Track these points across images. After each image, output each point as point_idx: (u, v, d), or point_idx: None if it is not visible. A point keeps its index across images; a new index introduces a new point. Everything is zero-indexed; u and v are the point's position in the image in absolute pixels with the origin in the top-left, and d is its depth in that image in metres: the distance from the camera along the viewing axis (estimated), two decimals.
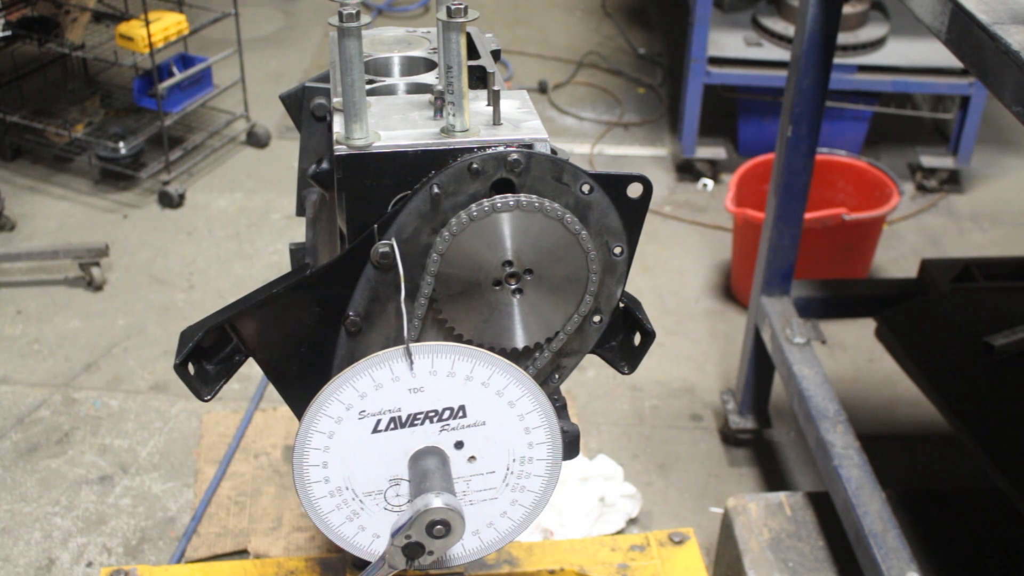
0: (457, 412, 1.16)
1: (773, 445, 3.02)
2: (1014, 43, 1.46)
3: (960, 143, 4.09)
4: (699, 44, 3.91)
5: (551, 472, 1.22)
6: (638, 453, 2.98)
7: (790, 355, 2.54)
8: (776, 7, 4.18)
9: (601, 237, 1.15)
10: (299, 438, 1.14)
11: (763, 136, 4.16)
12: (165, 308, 3.49)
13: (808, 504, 2.39)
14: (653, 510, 2.79)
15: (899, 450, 2.92)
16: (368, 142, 1.09)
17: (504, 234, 1.11)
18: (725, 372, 3.27)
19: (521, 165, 1.09)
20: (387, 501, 1.19)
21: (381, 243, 1.10)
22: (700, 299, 3.62)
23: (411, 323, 1.14)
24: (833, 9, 2.32)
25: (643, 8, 5.72)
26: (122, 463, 2.89)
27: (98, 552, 2.63)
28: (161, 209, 4.01)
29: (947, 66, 3.89)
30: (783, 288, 2.72)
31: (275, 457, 2.85)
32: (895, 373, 2.73)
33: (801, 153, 2.50)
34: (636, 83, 5.01)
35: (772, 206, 2.61)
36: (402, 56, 1.38)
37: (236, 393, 3.04)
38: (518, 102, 1.20)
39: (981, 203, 4.19)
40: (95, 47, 4.14)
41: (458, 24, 1.06)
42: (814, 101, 2.43)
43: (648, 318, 1.25)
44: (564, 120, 4.72)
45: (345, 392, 1.13)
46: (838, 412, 2.37)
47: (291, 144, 1.99)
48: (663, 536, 1.89)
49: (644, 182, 1.15)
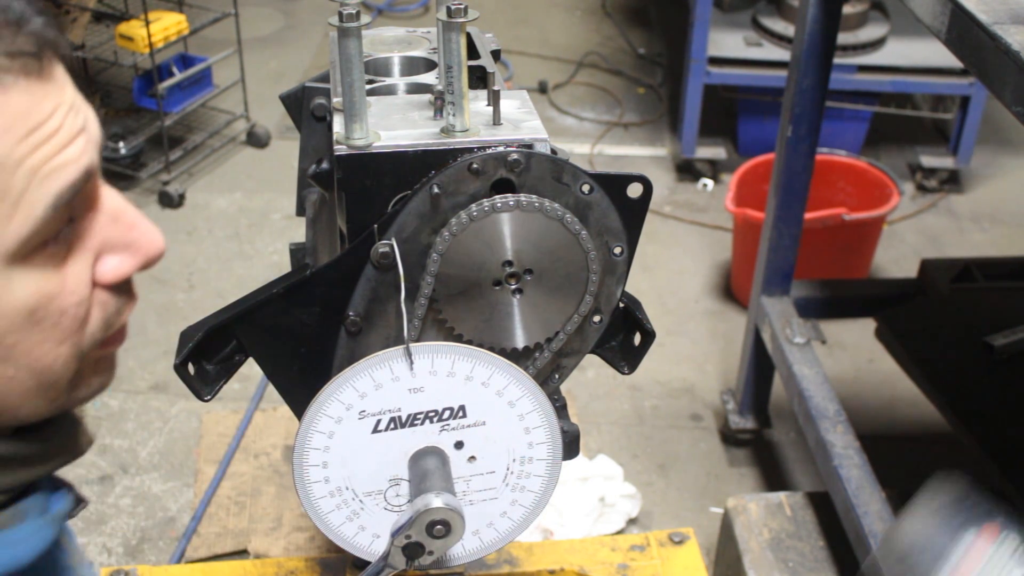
0: (457, 412, 1.16)
1: (773, 445, 3.02)
2: (1014, 43, 1.46)
3: (960, 143, 4.09)
4: (699, 44, 3.91)
5: (551, 472, 1.22)
6: (638, 453, 2.98)
7: (790, 355, 2.54)
8: (776, 7, 4.18)
9: (601, 237, 1.15)
10: (299, 438, 1.14)
11: (763, 136, 4.16)
12: (165, 308, 3.49)
13: (808, 504, 2.39)
14: (653, 510, 2.80)
15: (899, 450, 2.92)
16: (368, 142, 1.09)
17: (504, 234, 1.11)
18: (725, 372, 3.27)
19: (521, 165, 1.09)
20: (387, 501, 1.19)
21: (381, 243, 1.10)
22: (700, 299, 3.62)
23: (411, 323, 1.14)
24: (833, 9, 2.32)
25: (643, 8, 5.72)
26: (122, 463, 2.89)
27: (98, 552, 2.62)
28: (161, 209, 4.01)
29: (947, 66, 3.89)
30: (783, 288, 2.72)
31: (275, 457, 2.85)
32: (895, 373, 2.73)
33: (801, 153, 2.50)
34: (636, 83, 5.01)
35: (772, 206, 2.61)
36: (402, 56, 1.38)
37: (236, 393, 3.04)
38: (518, 102, 1.19)
39: (981, 203, 4.19)
40: (95, 47, 4.14)
41: (458, 24, 1.06)
42: (814, 101, 2.43)
43: (648, 318, 1.25)
44: (564, 120, 4.72)
45: (345, 392, 1.13)
46: (838, 412, 2.37)
47: (291, 144, 1.98)
48: (663, 536, 1.89)
49: (644, 182, 1.15)
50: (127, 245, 0.87)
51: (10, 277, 0.79)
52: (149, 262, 0.88)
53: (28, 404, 0.86)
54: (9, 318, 0.80)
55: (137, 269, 0.88)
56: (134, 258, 0.88)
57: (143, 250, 0.88)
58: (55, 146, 0.79)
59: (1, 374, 0.83)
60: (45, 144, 0.78)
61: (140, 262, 0.88)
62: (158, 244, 0.88)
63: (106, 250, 0.87)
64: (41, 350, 0.83)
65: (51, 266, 0.82)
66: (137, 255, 0.88)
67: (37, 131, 0.78)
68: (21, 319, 0.81)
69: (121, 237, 0.87)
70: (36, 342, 0.83)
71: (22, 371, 0.84)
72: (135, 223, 0.88)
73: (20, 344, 0.82)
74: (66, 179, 0.80)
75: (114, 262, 0.87)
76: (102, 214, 0.86)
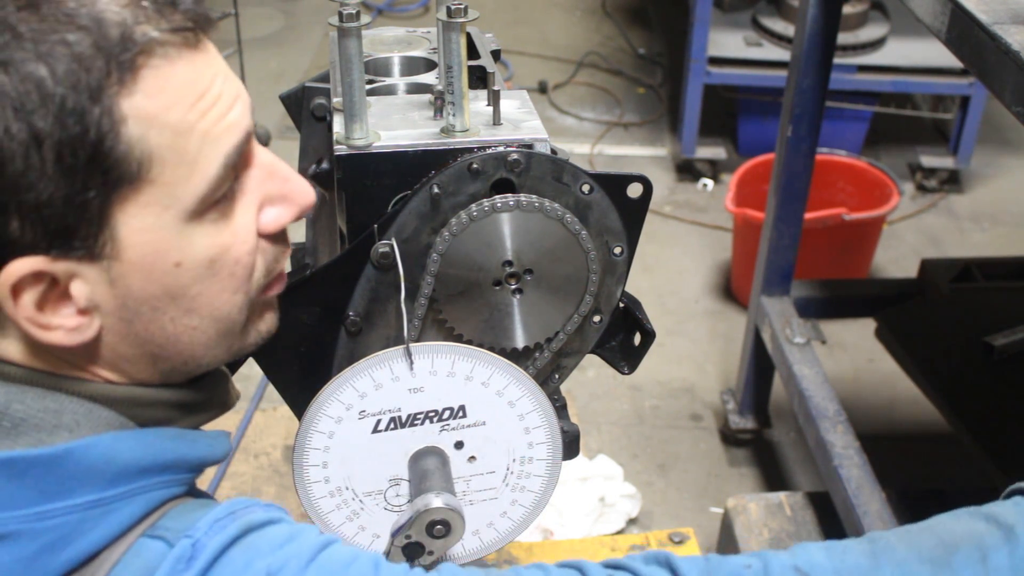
0: (457, 412, 1.16)
1: (773, 445, 3.02)
2: (1014, 43, 1.46)
3: (960, 143, 4.09)
4: (699, 44, 3.91)
5: (551, 472, 1.22)
6: (638, 453, 2.98)
7: (790, 355, 2.54)
8: (776, 7, 4.18)
9: (601, 237, 1.15)
10: (299, 438, 1.14)
11: (763, 136, 4.16)
12: None
13: (808, 504, 2.39)
14: (653, 510, 2.79)
15: (899, 450, 2.92)
16: (368, 142, 1.09)
17: (504, 234, 1.11)
18: (725, 372, 3.27)
19: (521, 165, 1.09)
20: (387, 501, 1.19)
21: (381, 243, 1.10)
22: (700, 299, 3.62)
23: (411, 323, 1.14)
24: (833, 9, 2.31)
25: (643, 8, 5.72)
26: None
27: None
28: None
29: (947, 66, 3.89)
30: (783, 288, 2.72)
31: (275, 457, 2.85)
32: (895, 373, 2.73)
33: (801, 153, 2.50)
34: (636, 83, 5.01)
35: (772, 206, 2.61)
36: (402, 56, 1.38)
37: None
38: (518, 102, 1.19)
39: (981, 203, 4.19)
40: None
41: (458, 24, 1.06)
42: (814, 101, 2.42)
43: (648, 318, 1.25)
44: (564, 120, 4.72)
45: (345, 392, 1.13)
46: (838, 412, 2.37)
47: (291, 144, 2.01)
48: (663, 536, 1.89)
49: (644, 182, 1.15)
50: (283, 196, 0.96)
51: (191, 233, 0.87)
52: (303, 211, 0.97)
53: (211, 352, 0.96)
54: (192, 271, 0.89)
55: (294, 219, 0.97)
56: (291, 208, 0.96)
57: (298, 200, 0.96)
58: (220, 111, 0.87)
59: (187, 325, 0.92)
60: (211, 110, 0.86)
61: (297, 212, 0.96)
62: (311, 195, 0.97)
63: (266, 203, 0.95)
64: (221, 299, 0.92)
65: (223, 220, 0.90)
66: (293, 206, 0.96)
67: (203, 98, 0.86)
68: (203, 270, 0.89)
69: (278, 190, 0.95)
70: (216, 292, 0.92)
71: (205, 320, 0.92)
72: (288, 176, 0.96)
73: (202, 295, 0.91)
74: (232, 140, 0.88)
75: (274, 213, 0.95)
76: (258, 169, 0.94)
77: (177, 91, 0.84)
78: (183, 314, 0.91)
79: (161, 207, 0.85)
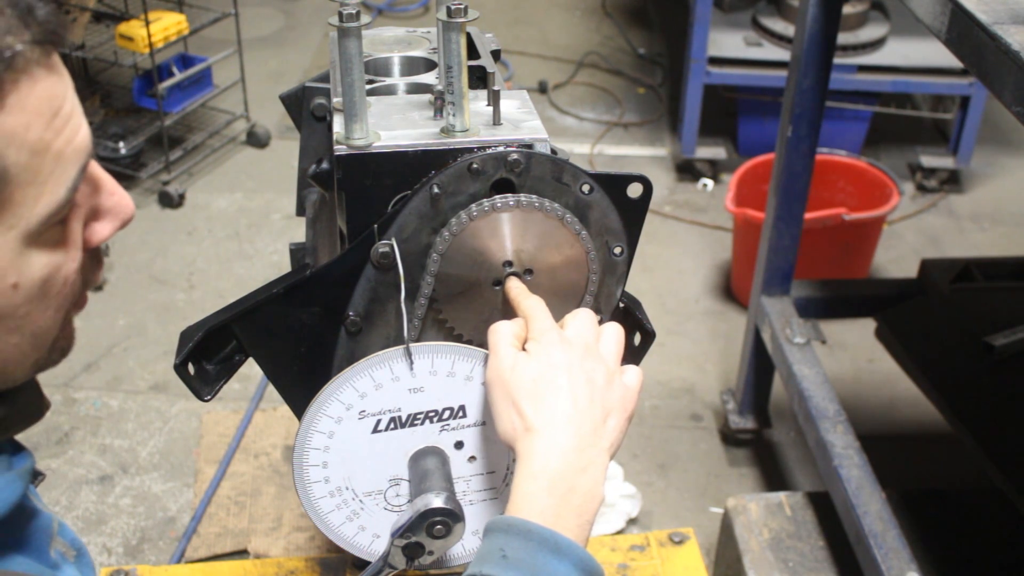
0: (457, 412, 1.16)
1: (773, 445, 3.02)
2: (1014, 43, 1.46)
3: (960, 143, 4.08)
4: (699, 44, 3.91)
5: None
6: (638, 453, 2.98)
7: (790, 355, 2.54)
8: (776, 7, 4.18)
9: (601, 237, 1.15)
10: (299, 438, 1.14)
11: (763, 136, 4.16)
12: (165, 308, 3.49)
13: (808, 504, 2.39)
14: (653, 510, 2.80)
15: (899, 450, 2.92)
16: (368, 142, 1.09)
17: (504, 234, 1.11)
18: (725, 372, 3.27)
19: (521, 165, 1.09)
20: (387, 501, 1.19)
21: (381, 243, 1.10)
22: (700, 299, 3.62)
23: (411, 323, 1.14)
24: (833, 9, 2.31)
25: (643, 8, 5.72)
26: (122, 463, 2.89)
27: (98, 552, 2.62)
28: (161, 209, 4.01)
29: (947, 66, 3.89)
30: (783, 288, 2.72)
31: (275, 457, 2.85)
32: (895, 373, 2.73)
33: (801, 153, 2.50)
34: (636, 83, 5.01)
35: (772, 206, 2.61)
36: (402, 56, 1.38)
37: (236, 393, 3.04)
38: (518, 102, 1.20)
39: (981, 203, 4.19)
40: (95, 47, 4.14)
41: (458, 24, 1.06)
42: (814, 101, 2.42)
43: (648, 318, 1.25)
44: (564, 120, 4.72)
45: (345, 392, 1.13)
46: (838, 412, 2.37)
47: (291, 144, 1.98)
48: (663, 536, 1.89)
49: (644, 182, 1.15)
50: (109, 210, 0.94)
51: (28, 255, 0.85)
52: (125, 223, 0.95)
53: (21, 368, 0.92)
54: (27, 291, 0.86)
55: (117, 231, 0.95)
56: (115, 221, 0.94)
57: (122, 213, 0.95)
58: (72, 129, 0.84)
59: (8, 343, 0.88)
60: (65, 128, 0.83)
61: (120, 224, 0.95)
62: (132, 207, 0.96)
63: (91, 217, 0.93)
64: (44, 317, 0.90)
65: (57, 239, 0.88)
66: (117, 218, 0.94)
67: (58, 116, 0.83)
68: (36, 290, 0.87)
69: (104, 203, 0.93)
70: (42, 310, 0.89)
71: (25, 338, 0.89)
72: (113, 190, 0.94)
73: (31, 314, 0.88)
74: (82, 160, 0.86)
75: (99, 227, 0.93)
76: (86, 184, 0.91)
77: (36, 108, 0.80)
78: (6, 332, 0.87)
79: (5, 227, 0.81)
